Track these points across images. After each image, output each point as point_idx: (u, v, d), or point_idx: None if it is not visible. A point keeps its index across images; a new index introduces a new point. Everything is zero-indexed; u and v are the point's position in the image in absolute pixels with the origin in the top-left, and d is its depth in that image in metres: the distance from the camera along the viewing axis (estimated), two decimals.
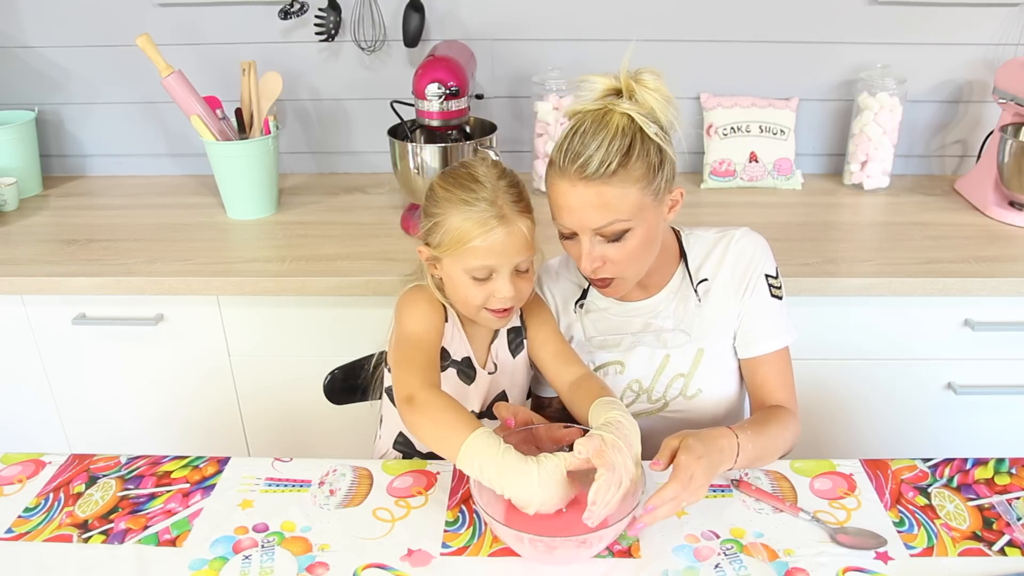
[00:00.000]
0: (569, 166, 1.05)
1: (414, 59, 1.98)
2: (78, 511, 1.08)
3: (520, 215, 1.09)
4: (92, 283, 1.61)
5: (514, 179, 1.12)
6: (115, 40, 1.98)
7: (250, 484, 1.12)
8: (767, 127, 1.97)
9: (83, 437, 1.83)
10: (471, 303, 1.13)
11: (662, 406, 1.26)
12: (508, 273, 1.10)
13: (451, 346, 1.21)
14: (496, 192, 1.08)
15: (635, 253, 1.11)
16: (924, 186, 2.00)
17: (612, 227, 1.07)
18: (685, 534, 1.02)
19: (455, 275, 1.12)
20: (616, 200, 1.05)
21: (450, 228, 1.08)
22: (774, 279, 1.23)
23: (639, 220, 1.08)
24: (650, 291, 1.24)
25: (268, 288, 1.59)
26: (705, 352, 1.23)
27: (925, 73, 1.96)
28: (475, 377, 1.22)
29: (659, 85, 1.06)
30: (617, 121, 1.05)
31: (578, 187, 1.05)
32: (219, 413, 1.77)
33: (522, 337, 1.25)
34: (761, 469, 1.13)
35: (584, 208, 1.06)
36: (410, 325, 1.14)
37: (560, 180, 1.07)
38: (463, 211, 1.07)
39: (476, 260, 1.09)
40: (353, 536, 1.03)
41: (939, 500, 1.08)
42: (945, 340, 1.64)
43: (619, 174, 1.04)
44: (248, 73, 1.81)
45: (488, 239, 1.07)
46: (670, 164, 1.09)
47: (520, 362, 1.26)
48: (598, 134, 1.04)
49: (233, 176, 1.84)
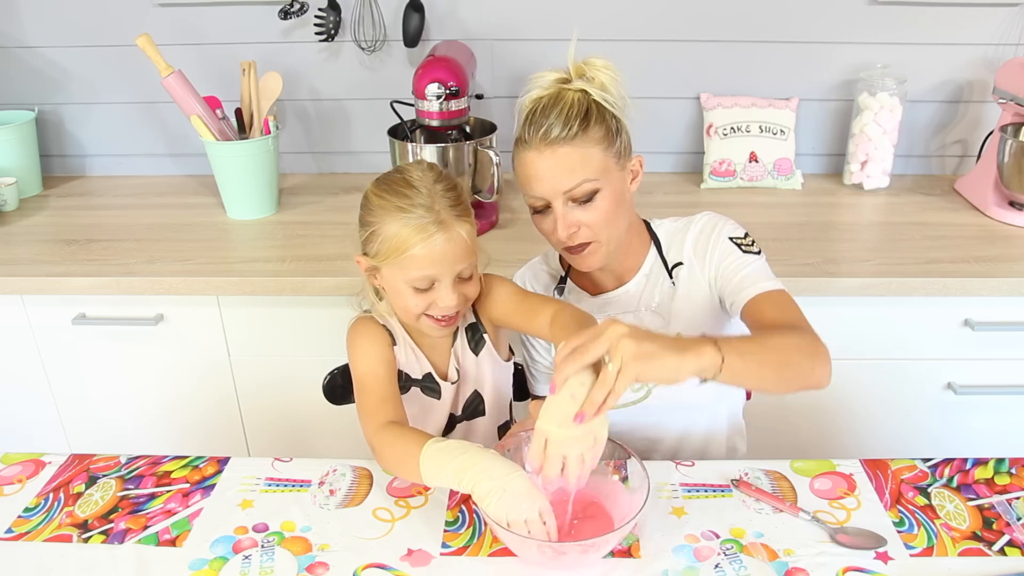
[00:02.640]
0: (534, 136, 1.10)
1: (414, 59, 1.98)
2: (78, 511, 1.08)
3: (459, 219, 1.08)
4: (92, 283, 1.61)
5: (451, 182, 1.11)
6: (115, 40, 1.98)
7: (250, 484, 1.12)
8: (767, 127, 1.97)
9: (83, 437, 1.83)
10: (412, 312, 1.12)
11: (646, 394, 1.25)
12: (450, 281, 1.09)
13: (408, 367, 1.21)
14: (433, 197, 1.06)
15: (606, 214, 1.12)
16: (924, 186, 2.00)
17: (582, 187, 1.10)
18: (685, 534, 1.02)
19: (395, 285, 1.11)
20: (582, 160, 1.09)
21: (387, 236, 1.06)
22: (742, 238, 1.19)
23: (605, 180, 1.11)
24: (623, 279, 1.25)
25: (268, 288, 1.59)
26: (683, 335, 1.20)
27: (925, 73, 1.96)
28: (440, 390, 1.22)
29: (607, 63, 1.12)
30: (572, 96, 1.10)
31: (544, 153, 1.09)
32: (219, 413, 1.77)
33: (480, 332, 1.24)
34: (761, 469, 1.13)
35: (553, 173, 1.10)
36: (357, 366, 1.16)
37: (526, 152, 1.11)
38: (399, 218, 1.06)
39: (417, 270, 1.07)
40: (353, 536, 1.02)
41: (939, 500, 1.08)
42: (945, 340, 1.64)
43: (580, 136, 1.09)
44: (248, 73, 1.81)
45: (427, 246, 1.05)
46: (626, 133, 1.15)
47: (486, 358, 1.25)
48: (556, 106, 1.10)
49: (233, 176, 1.84)
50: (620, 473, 1.06)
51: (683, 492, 1.09)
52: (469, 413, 1.27)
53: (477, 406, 1.27)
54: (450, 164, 1.67)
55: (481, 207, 1.79)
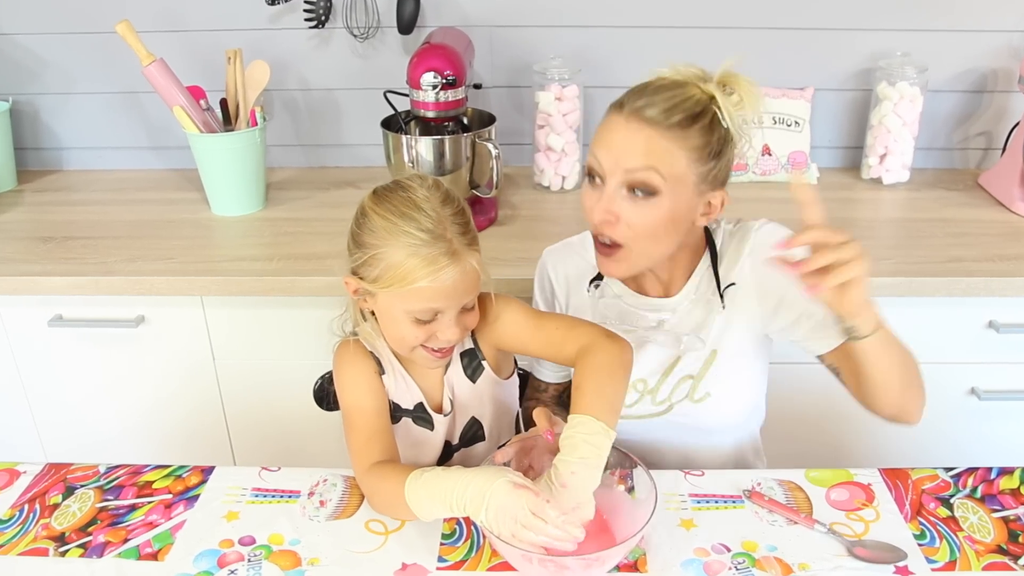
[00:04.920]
0: (632, 101, 1.05)
1: (409, 47, 1.98)
2: (54, 523, 1.08)
3: (470, 249, 1.03)
4: (69, 283, 1.61)
5: (459, 205, 1.04)
6: (93, 27, 1.98)
7: (236, 495, 1.12)
8: (780, 118, 1.97)
9: (60, 445, 1.83)
10: (408, 344, 1.08)
11: (667, 408, 1.24)
12: (455, 315, 1.05)
13: (397, 397, 1.18)
14: (443, 223, 1.00)
15: (652, 225, 1.07)
16: (946, 180, 2.00)
17: (644, 174, 1.04)
18: (694, 547, 1.02)
19: (393, 313, 1.06)
20: (662, 152, 1.04)
21: (392, 264, 1.00)
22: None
23: (672, 190, 1.05)
24: (669, 289, 1.22)
25: (255, 288, 1.59)
26: (718, 355, 1.20)
27: (947, 61, 1.96)
28: (433, 422, 1.20)
29: (755, 85, 1.08)
30: (695, 92, 1.06)
31: (631, 124, 1.04)
32: (203, 420, 1.77)
33: (479, 359, 1.20)
34: (774, 479, 1.13)
35: (625, 145, 1.05)
36: (343, 398, 1.14)
37: (615, 115, 1.07)
38: (407, 246, 0.99)
39: (421, 303, 1.02)
40: (344, 550, 1.02)
41: (962, 511, 1.08)
42: (968, 343, 1.64)
43: (676, 131, 1.03)
44: (234, 62, 1.81)
45: (438, 279, 0.99)
46: (726, 163, 1.09)
47: (484, 385, 1.21)
48: (674, 90, 1.05)
49: (218, 170, 1.84)
50: (626, 483, 1.06)
51: (692, 503, 1.09)
52: (467, 440, 1.24)
53: (475, 432, 1.24)
54: (447, 157, 1.68)
55: (479, 203, 1.79)
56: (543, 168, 1.96)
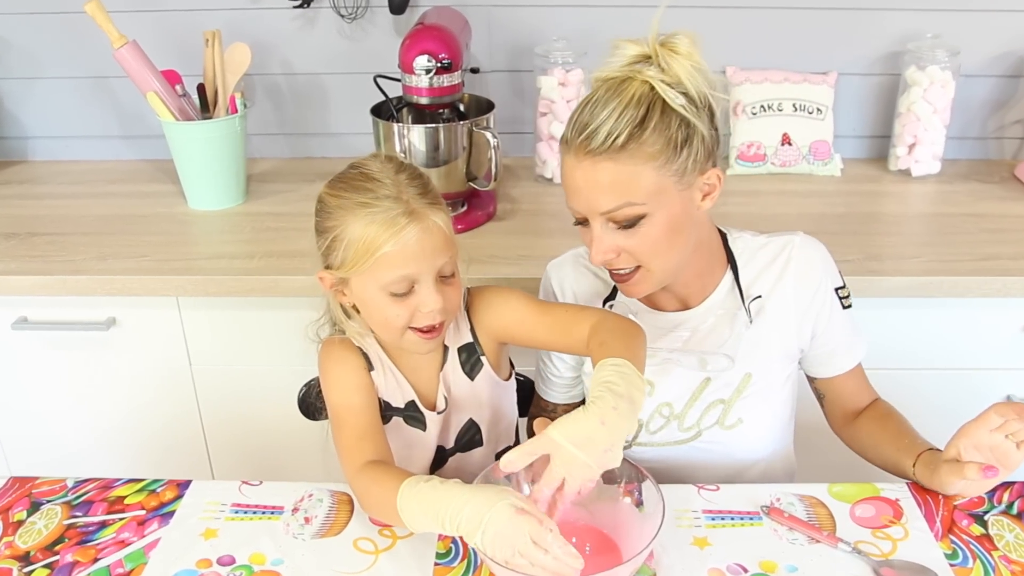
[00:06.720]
0: (575, 138, 1.05)
1: (401, 28, 1.98)
2: (19, 541, 1.08)
3: (432, 207, 1.06)
4: (34, 282, 1.61)
5: (415, 171, 1.09)
6: (61, 6, 1.97)
7: (214, 511, 1.12)
8: (802, 105, 1.97)
9: (24, 457, 1.84)
10: (394, 325, 1.09)
11: (695, 435, 1.24)
12: (432, 280, 1.06)
13: (388, 395, 1.19)
14: (399, 187, 1.05)
15: (655, 244, 1.08)
16: (980, 172, 2.00)
17: (623, 212, 1.05)
18: (708, 567, 1.02)
19: (369, 296, 1.08)
20: (626, 179, 1.04)
21: (353, 239, 1.04)
22: (841, 288, 1.23)
23: (657, 205, 1.05)
24: (689, 303, 1.22)
25: (235, 288, 1.59)
26: (753, 378, 1.20)
27: (981, 43, 1.96)
28: (425, 421, 1.20)
29: (691, 51, 1.04)
30: (635, 89, 1.03)
31: (584, 163, 1.05)
32: (179, 430, 1.77)
33: (478, 354, 1.21)
34: (795, 494, 1.13)
35: (591, 188, 1.05)
36: (330, 397, 1.16)
37: (567, 156, 1.08)
38: (364, 216, 1.03)
39: (392, 270, 1.04)
40: (331, 570, 1.02)
41: (997, 529, 1.08)
42: (1004, 347, 1.64)
43: (629, 149, 1.02)
44: (212, 44, 1.81)
45: (400, 241, 1.02)
46: (701, 141, 1.06)
47: (483, 384, 1.22)
48: (610, 103, 1.03)
49: (195, 161, 1.84)
50: (633, 497, 1.06)
51: (706, 520, 1.09)
52: (463, 445, 1.25)
53: (473, 436, 1.24)
54: (441, 147, 1.68)
55: (477, 196, 1.79)
56: (545, 159, 1.96)
